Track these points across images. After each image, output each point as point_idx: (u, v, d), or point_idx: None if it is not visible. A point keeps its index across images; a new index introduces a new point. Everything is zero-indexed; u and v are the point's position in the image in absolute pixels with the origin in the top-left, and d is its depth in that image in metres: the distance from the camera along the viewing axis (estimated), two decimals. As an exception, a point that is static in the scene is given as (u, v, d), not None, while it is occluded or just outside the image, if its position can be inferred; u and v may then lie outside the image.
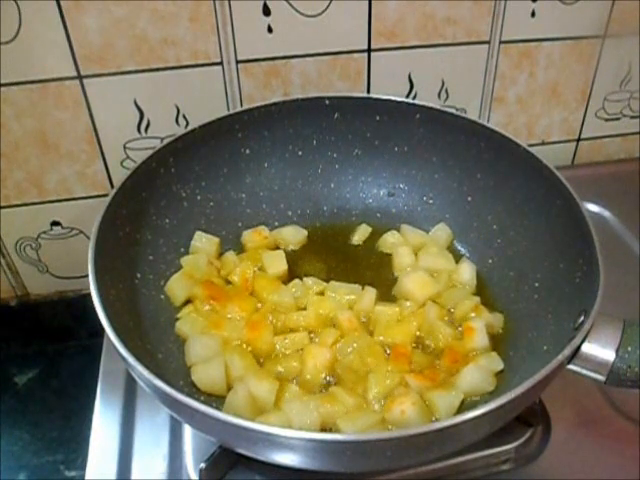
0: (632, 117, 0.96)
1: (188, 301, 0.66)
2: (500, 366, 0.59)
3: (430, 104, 0.72)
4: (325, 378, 0.60)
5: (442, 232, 0.74)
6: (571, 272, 0.57)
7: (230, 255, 0.71)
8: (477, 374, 0.58)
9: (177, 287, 0.65)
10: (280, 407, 0.55)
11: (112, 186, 0.80)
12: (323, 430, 0.54)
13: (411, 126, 0.73)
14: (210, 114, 0.69)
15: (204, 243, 0.70)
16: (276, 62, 0.76)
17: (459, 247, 0.74)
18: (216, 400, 0.57)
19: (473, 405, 0.56)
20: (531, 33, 0.82)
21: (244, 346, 0.62)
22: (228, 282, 0.69)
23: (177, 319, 0.64)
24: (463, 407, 0.56)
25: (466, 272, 0.69)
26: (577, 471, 0.59)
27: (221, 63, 0.74)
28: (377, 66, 0.80)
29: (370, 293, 0.66)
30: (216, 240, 0.71)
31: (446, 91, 0.84)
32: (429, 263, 0.70)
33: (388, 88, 0.82)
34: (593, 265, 0.53)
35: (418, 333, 0.64)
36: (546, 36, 0.83)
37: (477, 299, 0.66)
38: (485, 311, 0.65)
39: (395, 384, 0.58)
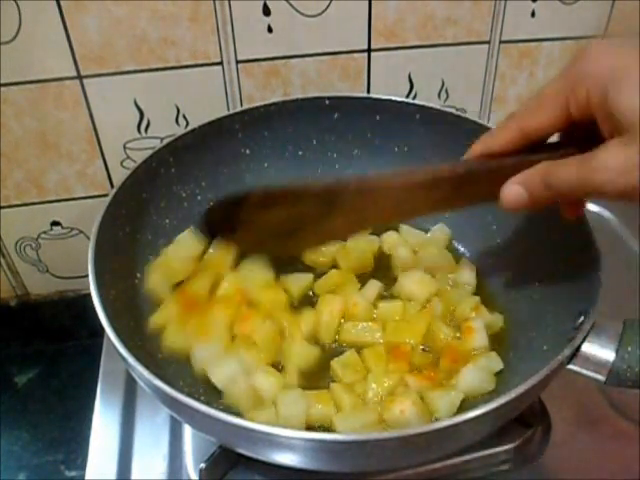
0: (632, 117, 0.96)
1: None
2: (500, 366, 0.59)
3: (430, 104, 0.72)
4: (336, 339, 0.63)
5: (440, 232, 0.74)
6: (571, 272, 0.57)
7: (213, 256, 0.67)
8: (477, 374, 0.58)
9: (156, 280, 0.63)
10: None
11: (112, 186, 0.79)
12: (312, 428, 0.55)
13: (411, 126, 0.73)
14: (210, 114, 0.69)
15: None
16: (276, 62, 0.76)
17: (459, 247, 0.74)
18: (216, 400, 0.57)
19: (473, 405, 0.56)
20: (531, 33, 0.82)
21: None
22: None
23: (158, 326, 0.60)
24: (463, 407, 0.56)
25: (466, 272, 0.69)
26: (577, 471, 0.59)
27: (221, 63, 0.74)
28: (377, 66, 0.80)
29: (374, 286, 0.67)
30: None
31: (446, 91, 0.84)
32: (429, 263, 0.70)
33: (388, 88, 0.82)
34: (593, 265, 0.53)
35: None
36: (546, 36, 0.83)
37: (477, 299, 0.66)
38: (485, 311, 0.65)
39: (395, 384, 0.58)
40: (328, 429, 0.55)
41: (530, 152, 0.47)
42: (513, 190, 0.47)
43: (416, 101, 0.74)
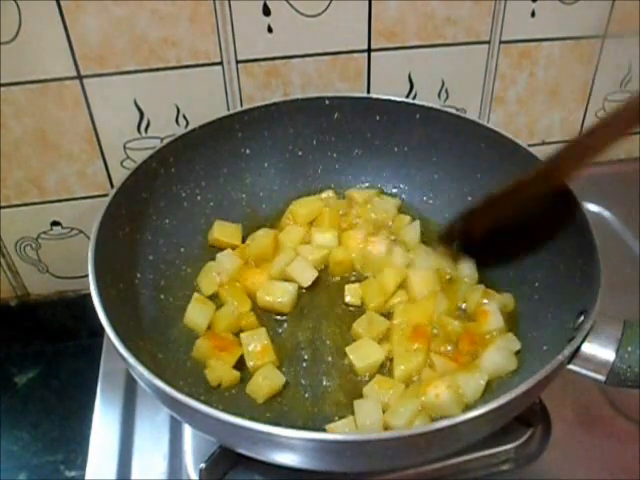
0: (632, 117, 0.96)
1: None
2: (517, 346, 0.60)
3: (430, 104, 0.72)
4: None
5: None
6: (571, 272, 0.57)
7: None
8: (498, 354, 0.58)
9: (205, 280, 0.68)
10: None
11: (112, 186, 0.79)
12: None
13: (411, 126, 0.73)
14: (210, 114, 0.69)
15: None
16: (276, 62, 0.76)
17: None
18: (216, 400, 0.57)
19: (498, 387, 0.57)
20: (531, 33, 0.82)
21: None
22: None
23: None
24: (487, 389, 0.57)
25: (466, 267, 0.69)
26: (577, 471, 0.59)
27: (221, 63, 0.74)
28: (377, 66, 0.80)
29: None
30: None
31: (446, 91, 0.84)
32: (429, 262, 0.70)
33: (388, 88, 0.82)
34: (593, 265, 0.53)
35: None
36: (546, 36, 0.83)
37: (482, 286, 0.66)
38: (494, 294, 0.65)
39: (421, 362, 0.59)
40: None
41: None
42: None
43: (416, 101, 0.74)
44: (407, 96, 0.83)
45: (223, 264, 0.69)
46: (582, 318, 0.50)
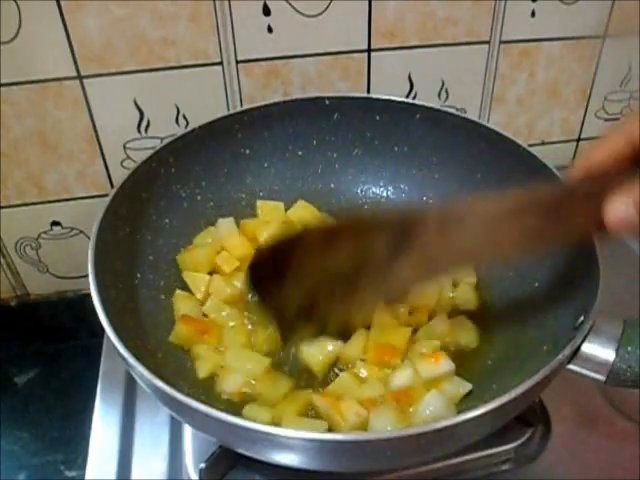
0: (632, 117, 0.96)
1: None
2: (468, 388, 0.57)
3: (430, 104, 0.72)
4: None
5: None
6: (571, 272, 0.57)
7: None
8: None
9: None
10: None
11: (112, 186, 0.80)
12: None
13: (411, 126, 0.73)
14: (210, 114, 0.69)
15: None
16: (276, 62, 0.76)
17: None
18: (216, 400, 0.57)
19: (499, 387, 0.55)
20: (531, 33, 0.82)
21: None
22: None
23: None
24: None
25: (466, 292, 0.68)
26: (577, 471, 0.59)
27: (221, 63, 0.74)
28: (377, 66, 0.80)
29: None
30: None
31: (446, 91, 0.84)
32: None
33: (388, 88, 0.82)
34: (593, 265, 0.53)
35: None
36: (546, 36, 0.83)
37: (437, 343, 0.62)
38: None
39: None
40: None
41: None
42: (621, 209, 0.40)
43: (416, 101, 0.74)
44: (407, 96, 0.84)
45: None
46: (582, 318, 0.50)
